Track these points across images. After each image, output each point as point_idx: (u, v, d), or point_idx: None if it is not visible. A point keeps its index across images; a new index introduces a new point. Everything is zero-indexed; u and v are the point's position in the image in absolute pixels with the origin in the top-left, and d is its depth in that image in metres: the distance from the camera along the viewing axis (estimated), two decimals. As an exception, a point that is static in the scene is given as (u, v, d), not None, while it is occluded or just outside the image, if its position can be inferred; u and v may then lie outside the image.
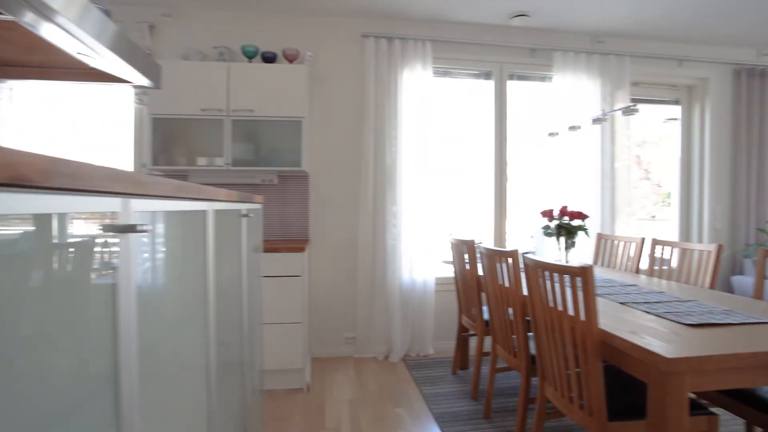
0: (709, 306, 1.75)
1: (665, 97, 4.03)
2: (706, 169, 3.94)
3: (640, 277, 2.50)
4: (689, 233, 4.07)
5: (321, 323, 3.42)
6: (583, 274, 1.37)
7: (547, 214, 2.54)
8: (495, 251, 2.04)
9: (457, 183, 3.81)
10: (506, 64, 3.60)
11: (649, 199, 4.40)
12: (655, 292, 2.05)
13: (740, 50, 3.96)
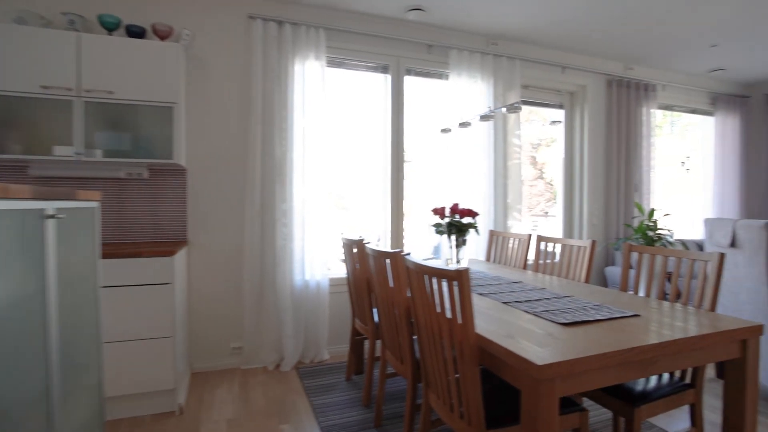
0: (583, 302, 1.79)
1: (551, 100, 4.28)
2: (585, 169, 4.26)
3: (527, 273, 2.56)
4: (572, 228, 4.38)
5: (204, 334, 3.06)
6: (458, 278, 1.27)
7: (438, 212, 2.49)
8: (379, 252, 1.91)
9: (354, 179, 3.67)
10: (403, 59, 3.52)
11: (543, 196, 4.66)
12: (538, 288, 2.08)
13: (612, 63, 4.34)
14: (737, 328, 1.44)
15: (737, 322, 1.50)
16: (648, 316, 1.58)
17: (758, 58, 4.28)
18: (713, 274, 1.73)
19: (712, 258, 1.75)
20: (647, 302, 1.81)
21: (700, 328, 1.43)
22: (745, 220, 2.50)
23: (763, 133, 5.15)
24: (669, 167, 4.95)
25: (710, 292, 1.73)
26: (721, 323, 1.49)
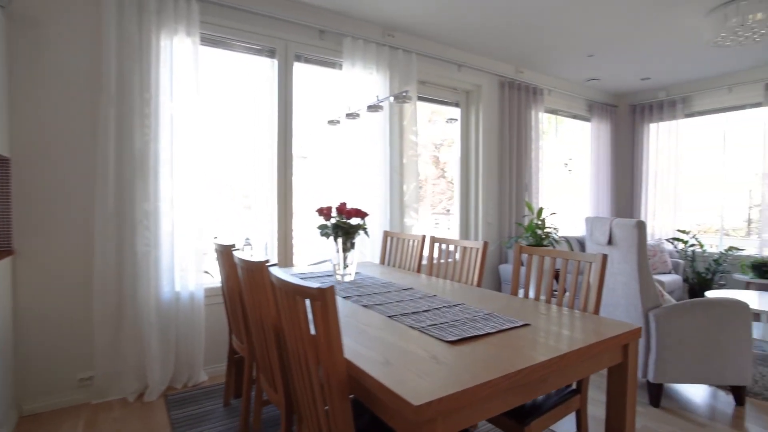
0: (474, 310, 1.66)
1: (448, 98, 4.26)
2: (480, 168, 4.31)
3: (421, 277, 2.42)
4: (468, 227, 4.42)
5: (39, 366, 2.46)
6: (322, 297, 1.02)
7: (324, 212, 2.23)
8: (244, 262, 1.59)
9: (236, 175, 3.27)
10: (293, 43, 3.20)
11: (445, 194, 4.64)
12: (428, 296, 1.92)
13: (504, 65, 4.45)
14: (620, 333, 1.39)
15: (619, 326, 1.47)
16: (537, 325, 1.48)
17: (625, 72, 4.70)
18: (596, 276, 1.70)
19: (595, 259, 1.73)
20: (536, 307, 1.74)
21: (586, 336, 1.36)
22: (619, 219, 2.63)
23: (629, 140, 5.73)
24: (554, 169, 5.27)
25: (594, 296, 1.70)
26: (605, 329, 1.44)
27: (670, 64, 4.50)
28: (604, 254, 1.69)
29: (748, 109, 4.84)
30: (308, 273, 2.52)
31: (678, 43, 3.89)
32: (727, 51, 4.11)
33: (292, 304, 1.19)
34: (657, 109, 5.42)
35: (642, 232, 2.48)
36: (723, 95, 4.96)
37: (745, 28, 3.16)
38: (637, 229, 2.48)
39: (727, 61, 4.42)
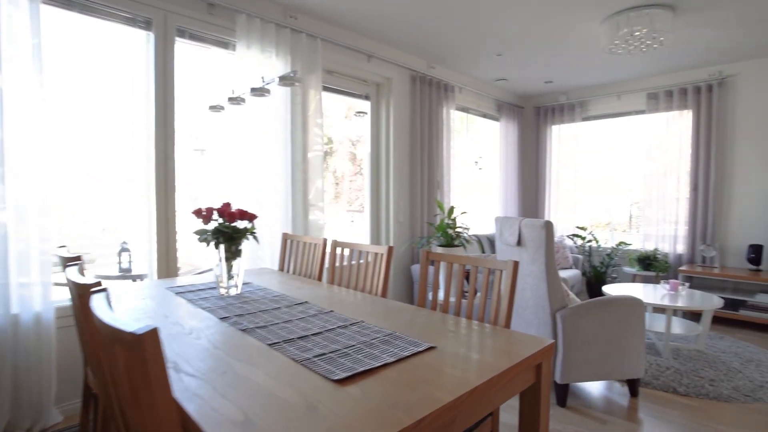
0: (373, 330, 1.42)
1: (357, 90, 4.01)
2: (391, 165, 4.13)
3: (321, 287, 2.13)
4: (380, 226, 4.22)
5: None
6: (138, 344, 0.70)
7: (203, 215, 1.86)
8: (74, 283, 1.19)
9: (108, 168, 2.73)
10: (174, 15, 2.72)
11: (362, 191, 4.40)
12: (324, 312, 1.64)
13: (416, 59, 4.32)
14: (534, 352, 1.23)
15: (531, 343, 1.32)
16: (443, 347, 1.28)
17: (530, 74, 4.84)
18: (507, 285, 1.56)
19: (506, 267, 1.59)
20: (444, 322, 1.55)
21: (498, 358, 1.18)
22: (528, 219, 2.58)
23: (534, 141, 5.97)
24: (465, 167, 5.29)
25: (505, 307, 1.55)
26: (518, 347, 1.28)
27: (570, 69, 4.70)
28: (515, 261, 1.55)
29: (633, 116, 5.24)
30: (189, 285, 2.12)
31: (577, 49, 4.04)
32: (617, 60, 4.38)
33: (109, 349, 0.84)
34: (559, 111, 5.69)
35: (549, 232, 2.44)
36: (613, 101, 5.33)
37: (633, 38, 3.32)
38: (545, 230, 2.44)
39: (617, 69, 4.72)
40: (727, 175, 4.64)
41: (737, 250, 4.60)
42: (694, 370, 3.00)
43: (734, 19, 3.36)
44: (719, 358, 3.25)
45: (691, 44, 3.93)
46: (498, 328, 1.47)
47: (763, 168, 4.45)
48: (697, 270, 4.43)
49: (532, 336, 1.38)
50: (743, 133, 4.54)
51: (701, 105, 4.65)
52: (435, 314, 1.64)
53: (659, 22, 3.20)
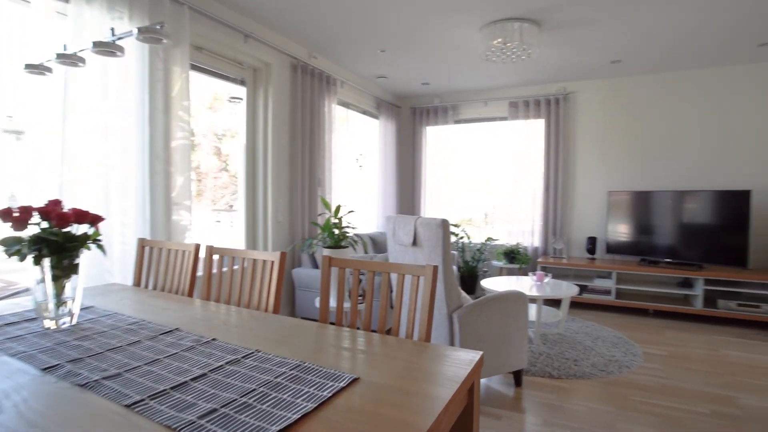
0: (276, 362, 1.12)
1: (232, 73, 3.52)
2: (269, 159, 3.74)
3: (194, 306, 1.72)
4: (256, 227, 3.79)
5: None
6: None
7: (15, 218, 1.31)
8: None
9: None
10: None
11: (228, 189, 3.88)
12: (204, 342, 1.28)
13: (297, 46, 3.99)
14: (470, 371, 1.08)
15: (461, 358, 1.17)
16: (368, 377, 1.05)
17: (409, 74, 4.89)
18: (427, 293, 1.39)
19: (424, 272, 1.42)
20: (356, 340, 1.32)
21: (436, 384, 1.00)
22: (424, 218, 2.49)
23: (410, 141, 6.10)
24: (346, 164, 5.12)
25: (425, 317, 1.39)
26: (452, 367, 1.11)
27: (446, 73, 4.86)
28: (434, 266, 1.39)
29: (497, 121, 5.69)
30: (-9, 317, 1.50)
31: (455, 53, 4.17)
32: (485, 68, 4.67)
33: None
34: (433, 113, 5.89)
35: (446, 231, 2.39)
36: (481, 107, 5.72)
37: (507, 48, 3.52)
38: (442, 229, 2.38)
39: (485, 78, 5.05)
40: (571, 177, 5.32)
41: (579, 242, 5.31)
42: (560, 353, 3.30)
43: (581, 42, 3.81)
44: (576, 339, 3.65)
45: (546, 61, 4.38)
46: (420, 344, 1.29)
47: (598, 171, 5.20)
48: (550, 261, 4.98)
49: (459, 350, 1.23)
50: (583, 141, 5.26)
51: (551, 115, 5.25)
52: (343, 330, 1.40)
53: (528, 36, 3.45)
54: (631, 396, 2.62)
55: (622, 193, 4.90)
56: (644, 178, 4.98)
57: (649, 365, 3.12)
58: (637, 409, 2.46)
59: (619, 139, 5.09)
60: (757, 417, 2.39)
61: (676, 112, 4.81)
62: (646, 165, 4.98)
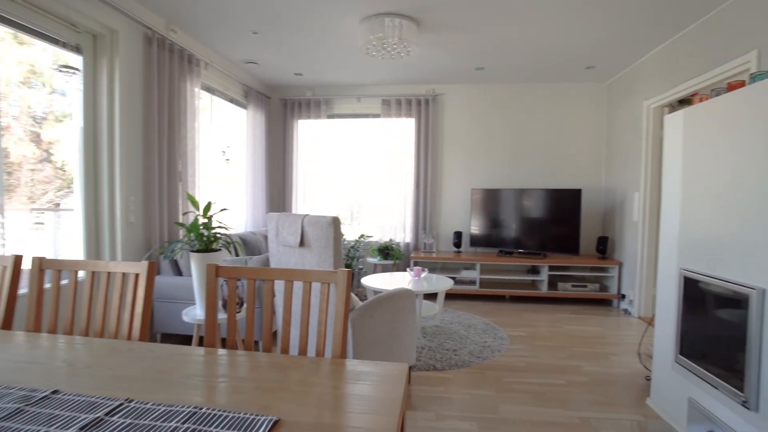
0: (155, 413, 0.84)
1: (61, 35, 2.80)
2: (116, 148, 3.10)
3: (15, 341, 1.26)
4: (99, 229, 3.12)
5: None
6: None
7: None
8: None
9: None
10: None
11: (52, 184, 3.08)
12: (37, 398, 0.91)
13: (152, 15, 3.38)
14: (403, 389, 0.96)
15: (388, 374, 1.05)
16: (289, 415, 0.85)
17: (283, 63, 4.58)
18: (341, 302, 1.23)
19: (335, 278, 1.25)
20: (235, 363, 1.10)
21: (373, 416, 0.85)
22: (313, 216, 2.30)
23: (281, 134, 5.77)
24: (212, 157, 4.58)
25: (340, 331, 1.22)
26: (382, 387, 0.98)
27: (321, 64, 4.68)
28: (348, 270, 1.24)
29: (371, 119, 5.73)
30: None
31: (333, 44, 4.03)
32: (360, 64, 4.63)
33: None
34: (305, 106, 5.66)
35: (337, 230, 2.24)
36: (354, 103, 5.69)
37: (388, 43, 3.51)
38: (333, 228, 2.22)
39: (359, 74, 5.02)
40: (439, 175, 5.65)
41: (447, 237, 5.67)
42: (440, 345, 3.43)
43: (453, 46, 4.03)
44: (452, 329, 3.85)
45: (419, 62, 4.53)
46: (336, 362, 1.13)
47: (462, 170, 5.61)
48: (421, 256, 5.21)
49: (382, 364, 1.11)
50: (449, 141, 5.62)
51: (421, 115, 5.49)
52: (239, 355, 1.15)
53: (407, 33, 3.49)
54: (505, 378, 2.83)
55: (482, 191, 5.37)
56: (500, 178, 5.55)
57: (515, 347, 3.45)
58: (513, 389, 2.66)
59: (480, 141, 5.57)
60: (599, 380, 2.79)
61: (525, 119, 5.46)
62: (501, 165, 5.54)
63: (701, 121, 2.10)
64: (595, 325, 4.07)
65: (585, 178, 5.40)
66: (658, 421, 2.29)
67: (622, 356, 3.26)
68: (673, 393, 2.25)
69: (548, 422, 2.27)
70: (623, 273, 4.72)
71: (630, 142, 4.62)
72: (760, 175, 1.72)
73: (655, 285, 4.30)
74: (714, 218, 1.98)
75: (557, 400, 2.53)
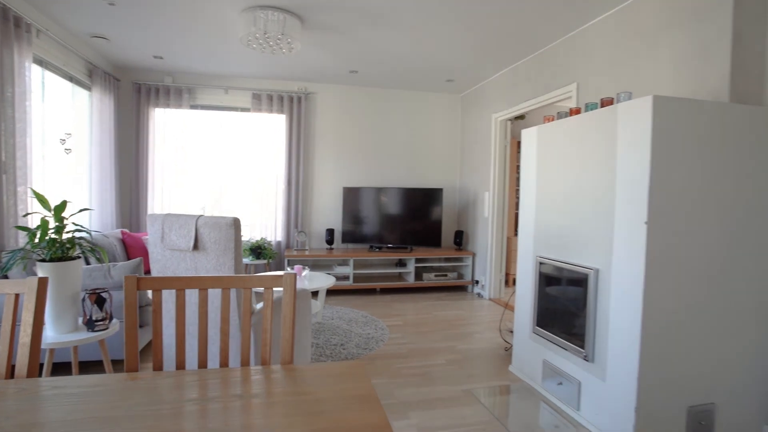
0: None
1: None
2: None
3: None
4: None
5: None
6: None
7: None
8: None
9: None
10: None
11: None
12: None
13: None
14: (369, 384, 1.03)
15: (355, 375, 1.10)
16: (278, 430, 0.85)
17: (140, 41, 4.04)
18: (289, 304, 1.22)
19: (285, 283, 1.23)
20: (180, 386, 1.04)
21: (359, 412, 0.90)
22: (208, 217, 2.14)
23: (133, 123, 5.06)
24: (47, 146, 3.78)
25: (288, 336, 1.21)
26: (355, 384, 1.03)
27: (187, 50, 4.27)
28: (293, 274, 1.23)
29: (240, 112, 5.44)
30: None
31: (203, 28, 3.72)
32: (230, 54, 4.38)
33: None
34: (164, 94, 5.07)
35: (238, 232, 2.14)
36: (221, 95, 5.33)
37: (271, 37, 3.41)
38: (234, 229, 2.11)
39: (228, 63, 4.73)
40: (312, 173, 5.68)
41: (319, 234, 5.73)
42: (327, 341, 3.50)
43: (331, 46, 4.11)
44: (334, 325, 3.95)
45: (294, 59, 4.49)
46: (291, 368, 1.13)
47: (334, 168, 5.73)
48: (294, 254, 5.19)
49: (342, 363, 1.15)
50: (321, 140, 5.68)
51: (293, 112, 5.43)
52: (186, 375, 1.06)
53: (290, 29, 3.44)
54: (394, 365, 3.06)
55: (353, 190, 5.57)
56: (370, 177, 5.83)
57: (394, 335, 3.72)
58: (402, 374, 2.90)
59: (351, 141, 5.76)
60: (471, 356, 3.23)
61: (393, 123, 5.85)
62: (371, 165, 5.83)
63: (550, 136, 2.61)
64: (457, 309, 4.63)
65: (445, 179, 6.05)
66: (520, 383, 2.77)
67: (484, 333, 3.80)
68: (531, 358, 2.75)
69: (438, 398, 2.54)
70: (476, 262, 5.45)
71: (481, 148, 5.35)
72: (593, 181, 2.23)
73: (502, 271, 5.09)
74: (561, 215, 2.49)
75: (440, 377, 2.84)
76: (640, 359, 1.95)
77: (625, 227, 2.02)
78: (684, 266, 1.98)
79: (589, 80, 3.42)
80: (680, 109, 1.93)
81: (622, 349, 2.03)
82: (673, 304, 1.98)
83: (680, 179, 1.95)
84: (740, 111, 2.04)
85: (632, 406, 1.97)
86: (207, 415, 0.87)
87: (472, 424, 2.26)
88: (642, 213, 1.93)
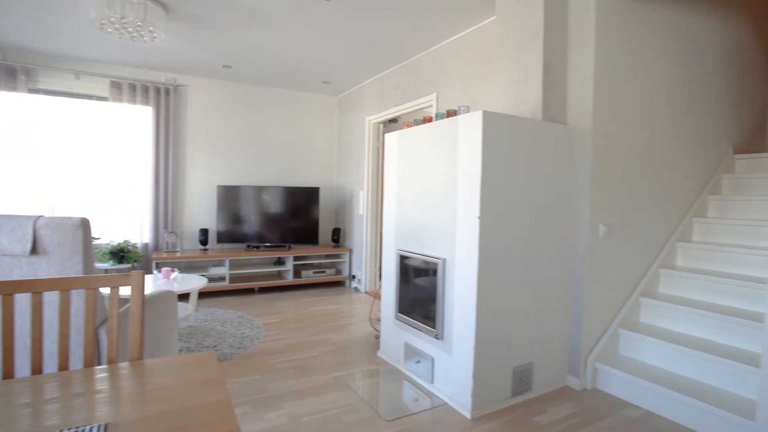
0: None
1: None
2: None
3: None
4: None
5: None
6: None
7: None
8: None
9: None
10: None
11: None
12: None
13: None
14: (218, 370, 1.11)
15: (202, 363, 1.17)
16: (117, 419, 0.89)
17: None
18: (137, 304, 1.23)
19: (134, 282, 1.23)
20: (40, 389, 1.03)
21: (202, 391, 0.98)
22: (51, 218, 1.96)
23: (-51, 105, 4.24)
24: None
25: (137, 334, 1.22)
26: (202, 371, 1.10)
27: (25, 24, 3.73)
28: (142, 272, 1.25)
29: (95, 101, 4.89)
30: None
31: (47, 5, 3.30)
32: (83, 35, 3.95)
33: None
34: (-8, 74, 4.34)
35: (88, 233, 1.99)
36: (71, 80, 4.74)
37: (130, 23, 3.18)
38: (82, 231, 1.97)
39: (80, 45, 4.24)
40: (182, 170, 5.36)
41: (192, 234, 5.45)
42: (199, 343, 3.39)
43: (201, 39, 3.95)
44: (208, 327, 3.83)
45: (162, 47, 4.21)
46: (139, 364, 1.15)
47: (207, 166, 5.49)
48: (164, 256, 4.87)
49: (181, 356, 1.21)
50: (193, 135, 5.40)
51: (161, 104, 5.07)
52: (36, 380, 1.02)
53: (153, 17, 3.25)
54: (268, 361, 3.10)
55: (228, 188, 5.41)
56: (245, 175, 5.71)
57: (271, 333, 3.75)
58: (276, 369, 2.96)
59: (226, 138, 5.57)
60: (343, 346, 3.42)
61: (270, 121, 5.80)
62: (246, 163, 5.71)
63: (409, 141, 2.91)
64: (334, 303, 4.81)
65: (321, 177, 6.18)
66: (387, 366, 3.04)
67: (358, 324, 4.04)
68: (395, 342, 3.03)
69: (310, 387, 2.67)
70: (353, 258, 5.70)
71: (356, 148, 5.61)
72: (442, 182, 2.57)
73: (377, 265, 5.41)
74: (417, 212, 2.80)
75: (314, 368, 2.98)
76: (476, 333, 2.31)
77: (465, 222, 2.38)
78: (505, 253, 2.40)
79: (447, 92, 3.85)
80: (504, 123, 2.34)
81: (464, 326, 2.39)
82: (499, 285, 2.39)
83: (502, 181, 2.36)
84: (548, 127, 2.54)
85: (471, 373, 2.33)
86: (43, 416, 0.87)
87: (341, 407, 2.43)
88: (475, 209, 2.30)
